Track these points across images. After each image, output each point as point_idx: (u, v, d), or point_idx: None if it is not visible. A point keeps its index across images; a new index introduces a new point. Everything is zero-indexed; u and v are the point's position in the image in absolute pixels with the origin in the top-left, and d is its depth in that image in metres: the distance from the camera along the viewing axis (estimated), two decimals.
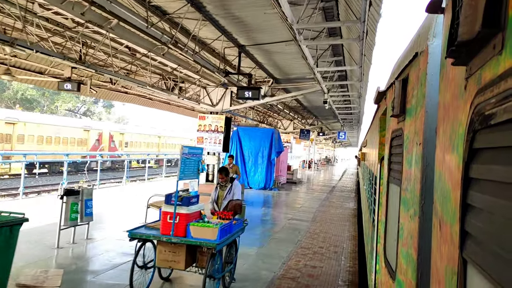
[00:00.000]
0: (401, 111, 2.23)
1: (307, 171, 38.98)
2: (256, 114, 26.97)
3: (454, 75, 1.17)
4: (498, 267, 0.70)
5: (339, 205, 15.78)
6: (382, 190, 3.54)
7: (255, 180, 19.79)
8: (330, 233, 10.16)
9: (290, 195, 18.49)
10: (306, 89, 14.65)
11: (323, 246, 8.71)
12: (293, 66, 12.99)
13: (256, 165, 19.73)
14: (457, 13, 0.99)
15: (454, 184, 1.07)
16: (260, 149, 19.61)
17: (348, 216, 13.19)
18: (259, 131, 20.28)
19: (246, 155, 19.75)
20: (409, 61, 2.12)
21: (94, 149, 31.38)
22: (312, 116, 30.91)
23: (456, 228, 1.00)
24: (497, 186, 0.75)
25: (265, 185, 19.59)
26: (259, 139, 19.63)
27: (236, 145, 19.63)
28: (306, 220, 11.77)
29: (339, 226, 11.24)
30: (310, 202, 16.28)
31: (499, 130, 0.76)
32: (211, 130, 14.48)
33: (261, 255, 7.59)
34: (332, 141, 59.55)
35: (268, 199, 16.86)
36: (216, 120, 14.74)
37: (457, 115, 1.09)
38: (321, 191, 21.01)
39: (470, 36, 0.85)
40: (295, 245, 8.59)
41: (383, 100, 3.54)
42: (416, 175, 1.80)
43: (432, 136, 1.61)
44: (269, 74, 14.22)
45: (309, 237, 9.56)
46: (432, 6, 1.31)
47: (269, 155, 19.57)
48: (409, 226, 1.89)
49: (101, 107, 64.31)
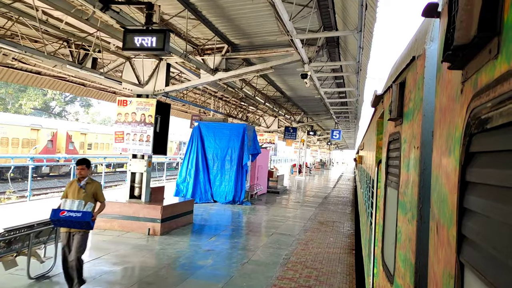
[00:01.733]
0: (399, 115, 2.24)
1: (298, 176, 34.57)
2: (233, 109, 22.42)
3: (451, 79, 1.17)
4: (495, 270, 0.70)
5: (330, 228, 11.49)
6: (379, 193, 3.54)
7: (221, 191, 15.29)
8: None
9: (264, 213, 13.79)
10: (277, 59, 10.22)
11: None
12: (259, 26, 9.03)
13: (223, 171, 15.33)
14: (453, 18, 0.99)
15: (451, 188, 1.07)
16: (228, 151, 15.35)
17: (342, 253, 8.66)
18: (226, 128, 15.66)
19: (210, 159, 15.42)
20: (406, 65, 2.13)
21: (46, 152, 26.27)
22: (300, 111, 25.74)
23: (453, 231, 1.00)
24: (493, 190, 0.75)
25: (234, 198, 15.12)
26: (227, 138, 15.40)
27: (196, 145, 15.33)
28: (272, 263, 7.50)
29: (328, 275, 6.97)
30: (290, 223, 12.13)
31: (495, 134, 0.76)
32: (135, 122, 9.74)
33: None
34: (327, 143, 55.00)
35: (231, 219, 12.38)
36: (142, 106, 9.74)
37: (453, 119, 1.10)
38: (309, 204, 16.78)
39: (466, 40, 0.86)
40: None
41: (380, 104, 3.55)
42: (413, 179, 1.80)
43: (429, 139, 1.62)
44: (222, 37, 9.77)
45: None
46: (428, 10, 1.32)
47: (240, 159, 15.30)
48: (407, 229, 1.89)
49: (79, 106, 58.62)
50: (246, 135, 15.41)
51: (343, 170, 66.67)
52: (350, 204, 17.71)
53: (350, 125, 34.50)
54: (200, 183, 15.15)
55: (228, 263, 7.52)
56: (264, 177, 19.55)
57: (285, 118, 24.83)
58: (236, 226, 11.30)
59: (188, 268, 7.04)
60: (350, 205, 17.60)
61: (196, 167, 15.12)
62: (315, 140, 45.99)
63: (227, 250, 8.48)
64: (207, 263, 7.35)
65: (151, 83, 10.21)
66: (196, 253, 8.06)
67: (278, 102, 21.28)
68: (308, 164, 42.75)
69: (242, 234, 10.28)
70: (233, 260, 7.68)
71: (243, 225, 11.63)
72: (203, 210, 13.14)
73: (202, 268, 7.06)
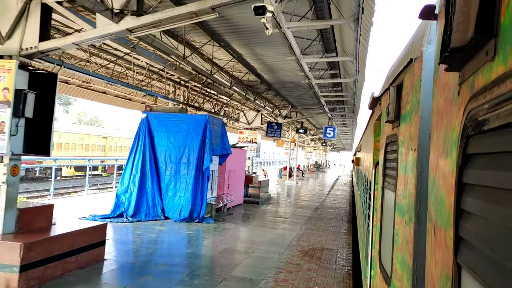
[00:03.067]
0: (396, 117, 2.25)
1: (288, 181, 30.66)
2: (197, 98, 18.67)
3: (448, 81, 1.18)
4: (492, 272, 0.70)
5: (316, 264, 7.68)
6: (377, 195, 3.55)
7: (174, 205, 11.51)
8: None
9: (228, 235, 9.98)
10: None
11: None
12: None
13: (177, 178, 11.66)
14: (450, 20, 0.99)
15: (448, 190, 1.07)
16: (185, 151, 11.74)
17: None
18: (183, 120, 11.89)
19: (162, 161, 11.78)
20: (403, 67, 2.14)
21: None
22: (287, 103, 21.35)
23: (451, 233, 1.00)
24: (490, 192, 0.75)
25: (192, 214, 11.31)
26: (184, 134, 11.77)
27: (143, 143, 11.63)
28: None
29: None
30: (259, 253, 8.25)
31: (492, 135, 0.76)
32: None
33: None
34: (321, 144, 50.42)
35: (175, 248, 8.43)
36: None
37: (450, 120, 1.10)
38: (293, 220, 13.02)
39: (463, 42, 0.86)
40: None
41: (378, 106, 3.56)
42: (411, 181, 1.80)
43: (426, 141, 1.62)
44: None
45: None
46: (425, 13, 1.32)
47: (200, 161, 11.60)
48: (404, 231, 1.89)
49: (58, 104, 56.71)
50: (209, 130, 11.70)
51: (339, 173, 63.62)
52: (346, 219, 14.24)
53: (347, 120, 30.50)
54: (147, 194, 11.39)
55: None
56: (239, 185, 15.77)
57: (269, 113, 21.24)
58: (175, 264, 7.12)
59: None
60: (347, 219, 14.07)
61: (142, 173, 11.36)
62: (308, 140, 43.47)
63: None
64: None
65: (16, 37, 6.06)
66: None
67: (257, 90, 17.41)
68: (300, 166, 39.52)
69: (174, 281, 6.14)
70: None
71: (185, 260, 7.43)
72: (140, 233, 9.36)
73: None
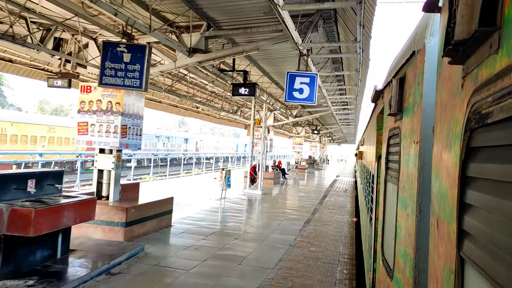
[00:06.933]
0: (398, 110, 2.24)
1: (248, 190, 16.98)
2: None
3: (451, 74, 1.17)
4: (495, 265, 0.70)
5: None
6: (379, 188, 3.55)
7: None
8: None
9: None
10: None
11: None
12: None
13: None
14: (454, 12, 0.99)
15: (451, 183, 1.07)
16: None
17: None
18: None
19: None
20: (406, 60, 2.13)
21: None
22: None
23: (454, 226, 1.00)
24: (493, 185, 0.75)
25: None
26: None
27: None
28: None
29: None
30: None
31: (495, 128, 0.76)
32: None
33: None
34: (313, 132, 32.49)
35: None
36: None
37: (454, 113, 1.10)
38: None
39: (467, 35, 0.85)
40: None
41: (380, 99, 3.55)
42: (413, 174, 1.80)
43: (429, 134, 1.62)
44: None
45: None
46: (429, 5, 1.31)
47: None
48: (406, 224, 1.90)
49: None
50: None
51: (339, 170, 47.36)
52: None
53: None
54: None
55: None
56: None
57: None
58: None
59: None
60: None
61: None
62: (299, 129, 32.65)
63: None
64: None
65: None
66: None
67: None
68: (282, 164, 27.08)
69: None
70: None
71: None
72: None
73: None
